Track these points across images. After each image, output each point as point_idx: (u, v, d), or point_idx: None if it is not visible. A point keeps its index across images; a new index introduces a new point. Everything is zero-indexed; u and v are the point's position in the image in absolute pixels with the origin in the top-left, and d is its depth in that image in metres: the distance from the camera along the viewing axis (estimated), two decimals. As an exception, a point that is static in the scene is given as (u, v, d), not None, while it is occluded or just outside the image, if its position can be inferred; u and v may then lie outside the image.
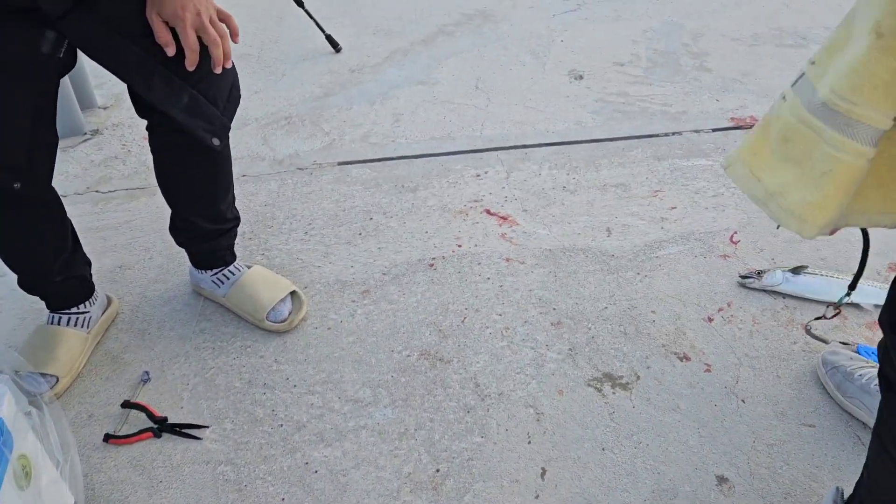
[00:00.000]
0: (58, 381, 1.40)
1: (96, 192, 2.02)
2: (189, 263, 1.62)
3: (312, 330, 1.56)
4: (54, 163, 1.25)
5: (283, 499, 1.23)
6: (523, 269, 1.69)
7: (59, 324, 1.47)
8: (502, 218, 1.86)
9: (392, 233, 1.83)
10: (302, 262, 1.75)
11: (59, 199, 1.39)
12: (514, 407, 1.37)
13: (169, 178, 1.44)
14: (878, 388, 1.03)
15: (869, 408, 1.27)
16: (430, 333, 1.53)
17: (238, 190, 1.63)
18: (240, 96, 1.35)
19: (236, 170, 1.57)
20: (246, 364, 1.48)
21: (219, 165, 1.44)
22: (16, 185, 1.19)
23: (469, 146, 2.16)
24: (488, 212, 1.88)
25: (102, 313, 1.55)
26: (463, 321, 1.56)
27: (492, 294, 1.63)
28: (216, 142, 1.30)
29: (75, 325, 1.48)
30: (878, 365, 0.94)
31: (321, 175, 2.06)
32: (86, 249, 1.51)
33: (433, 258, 1.74)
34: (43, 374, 1.39)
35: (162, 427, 1.34)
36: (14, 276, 1.72)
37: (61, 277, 1.43)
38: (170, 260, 1.77)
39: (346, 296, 1.64)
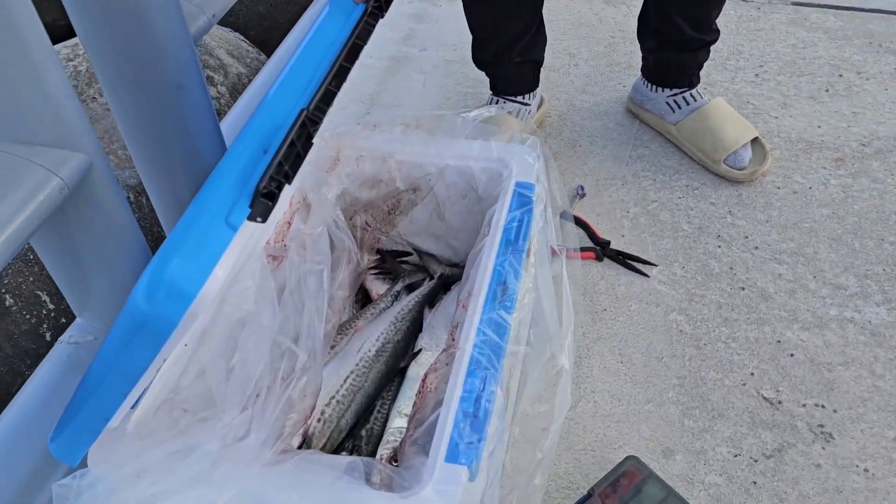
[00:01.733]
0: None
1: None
2: (638, 77, 1.39)
3: (774, 189, 1.28)
4: None
5: (751, 373, 1.02)
6: None
7: (501, 108, 1.33)
8: None
9: (870, 98, 1.45)
10: (754, 107, 1.45)
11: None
12: None
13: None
14: None
15: None
16: (935, 232, 1.19)
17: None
18: None
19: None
20: (694, 207, 1.26)
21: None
22: None
23: (972, 12, 1.66)
24: None
25: (537, 110, 1.39)
26: (982, 228, 1.19)
27: None
28: None
29: (517, 115, 1.33)
30: None
31: (771, 12, 1.70)
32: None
33: (931, 141, 1.35)
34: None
35: (605, 251, 1.17)
36: (441, 53, 1.64)
37: (520, 59, 1.27)
38: (596, 71, 1.56)
39: (813, 159, 1.33)
